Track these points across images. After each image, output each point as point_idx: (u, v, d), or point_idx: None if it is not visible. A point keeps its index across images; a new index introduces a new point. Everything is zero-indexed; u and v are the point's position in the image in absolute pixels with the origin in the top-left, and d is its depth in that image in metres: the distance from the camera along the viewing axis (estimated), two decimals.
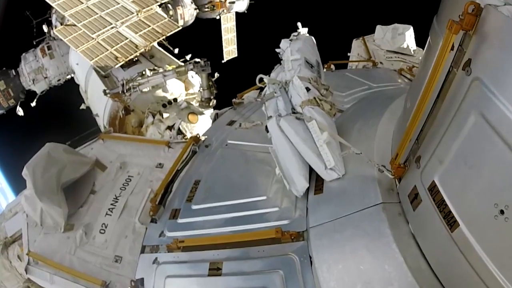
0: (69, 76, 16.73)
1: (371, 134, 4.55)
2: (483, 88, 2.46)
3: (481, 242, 2.57)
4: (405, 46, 13.19)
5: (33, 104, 16.91)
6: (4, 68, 16.66)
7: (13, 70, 16.50)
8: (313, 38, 6.11)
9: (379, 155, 4.13)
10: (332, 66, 10.05)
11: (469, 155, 2.63)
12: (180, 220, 5.04)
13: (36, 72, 16.18)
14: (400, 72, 9.62)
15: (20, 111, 16.71)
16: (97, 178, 6.54)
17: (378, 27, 13.90)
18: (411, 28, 13.37)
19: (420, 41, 13.16)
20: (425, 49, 3.85)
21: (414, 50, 13.24)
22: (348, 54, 13.80)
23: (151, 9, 14.76)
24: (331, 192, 4.19)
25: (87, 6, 14.22)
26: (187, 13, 16.72)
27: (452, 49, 2.71)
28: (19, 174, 6.11)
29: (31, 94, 16.80)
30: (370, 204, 3.64)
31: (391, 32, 13.39)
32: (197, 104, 13.14)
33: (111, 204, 5.99)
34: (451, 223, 2.75)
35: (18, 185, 7.22)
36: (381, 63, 12.32)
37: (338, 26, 22.20)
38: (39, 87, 16.54)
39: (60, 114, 23.28)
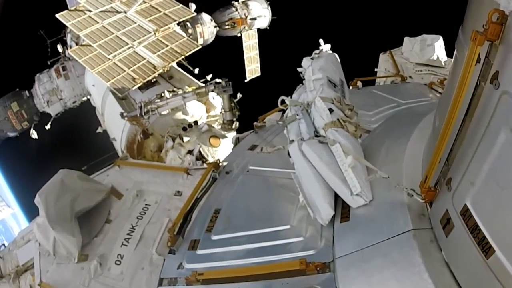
0: (85, 98, 17.00)
1: (400, 155, 4.55)
2: None
3: None
4: (435, 57, 13.15)
5: (48, 127, 17.19)
6: (17, 89, 16.96)
7: (26, 91, 16.79)
8: (336, 55, 6.15)
9: (408, 177, 4.12)
10: (359, 83, 10.03)
11: (501, 175, 2.60)
12: (199, 251, 5.06)
13: (50, 93, 16.47)
14: (430, 86, 9.55)
15: (34, 134, 16.98)
16: (112, 206, 6.63)
17: (406, 39, 13.91)
18: (441, 38, 13.33)
19: (452, 51, 13.14)
20: (452, 62, 3.84)
21: (445, 62, 13.16)
22: (375, 69, 13.78)
23: (169, 28, 14.94)
24: (358, 220, 4.19)
25: (102, 26, 14.49)
26: (207, 31, 16.87)
27: (478, 61, 2.68)
28: (32, 198, 6.26)
29: (45, 117, 17.08)
30: (400, 232, 3.62)
31: (420, 43, 13.38)
32: (219, 127, 13.21)
33: (127, 234, 6.05)
34: (486, 249, 2.72)
35: (31, 210, 7.35)
36: (410, 77, 12.30)
37: (364, 40, 22.22)
38: (54, 109, 16.81)
39: (76, 137, 23.69)
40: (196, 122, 12.73)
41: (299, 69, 5.98)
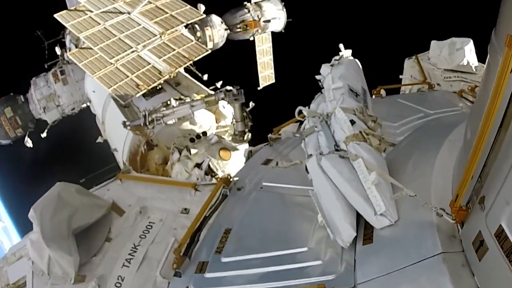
0: (84, 105, 17.18)
1: (428, 171, 4.54)
2: None
3: None
4: (465, 62, 13.11)
5: (44, 135, 17.37)
6: (11, 94, 17.11)
7: (21, 96, 16.94)
8: (357, 61, 6.17)
9: (437, 195, 4.11)
10: (382, 92, 10.02)
11: None
12: (208, 275, 5.01)
13: (47, 99, 16.62)
14: (460, 94, 9.52)
15: (28, 142, 17.08)
16: (113, 223, 6.64)
17: (433, 43, 13.89)
18: (471, 41, 13.27)
19: (484, 56, 13.08)
20: (484, 68, 3.82)
21: (476, 67, 13.10)
22: (400, 76, 13.74)
23: (176, 30, 15.07)
24: (382, 242, 4.18)
25: (104, 27, 14.65)
26: (217, 35, 16.99)
27: None
28: (26, 212, 6.24)
29: (41, 124, 17.24)
30: (428, 255, 3.60)
31: (448, 47, 13.35)
32: (230, 138, 13.24)
33: (129, 254, 6.05)
34: None
35: (24, 224, 7.37)
36: (438, 84, 12.25)
37: (387, 45, 22.16)
38: (51, 116, 16.97)
39: (74, 147, 23.81)
40: (204, 133, 12.77)
41: (317, 77, 6.00)
